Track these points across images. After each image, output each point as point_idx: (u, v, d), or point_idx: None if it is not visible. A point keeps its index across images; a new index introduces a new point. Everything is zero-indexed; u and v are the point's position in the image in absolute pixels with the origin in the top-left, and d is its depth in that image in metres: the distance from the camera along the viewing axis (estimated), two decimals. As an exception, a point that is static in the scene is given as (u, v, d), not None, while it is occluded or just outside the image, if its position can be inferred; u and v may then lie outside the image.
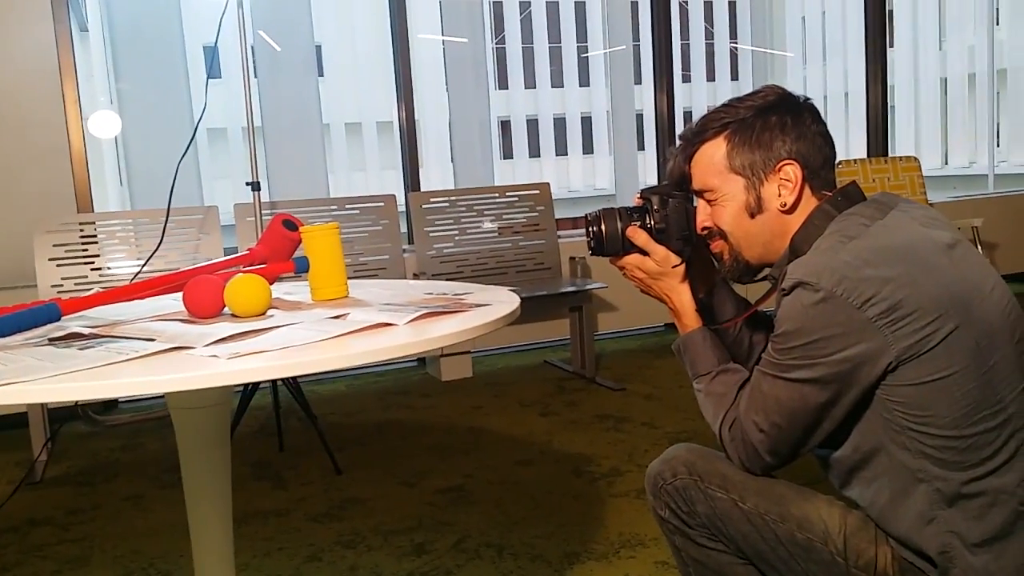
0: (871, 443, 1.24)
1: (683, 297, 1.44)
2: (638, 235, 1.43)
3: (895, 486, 1.22)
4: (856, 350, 1.17)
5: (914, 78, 16.46)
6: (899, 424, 1.20)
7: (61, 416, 3.65)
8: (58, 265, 3.53)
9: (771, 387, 1.25)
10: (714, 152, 1.34)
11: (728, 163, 1.33)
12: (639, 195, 1.47)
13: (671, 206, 1.43)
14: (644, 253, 1.43)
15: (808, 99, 1.35)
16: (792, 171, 1.31)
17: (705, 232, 1.40)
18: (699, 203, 1.40)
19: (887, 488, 1.23)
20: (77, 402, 3.69)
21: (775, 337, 1.24)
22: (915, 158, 5.01)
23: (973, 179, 14.34)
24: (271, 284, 1.59)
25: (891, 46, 15.03)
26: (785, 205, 1.31)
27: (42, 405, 3.24)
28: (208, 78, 3.30)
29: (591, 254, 1.47)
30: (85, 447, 3.48)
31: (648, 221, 1.44)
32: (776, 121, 1.31)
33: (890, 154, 5.76)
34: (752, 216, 1.34)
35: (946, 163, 16.24)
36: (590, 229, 1.45)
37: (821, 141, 1.33)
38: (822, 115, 1.35)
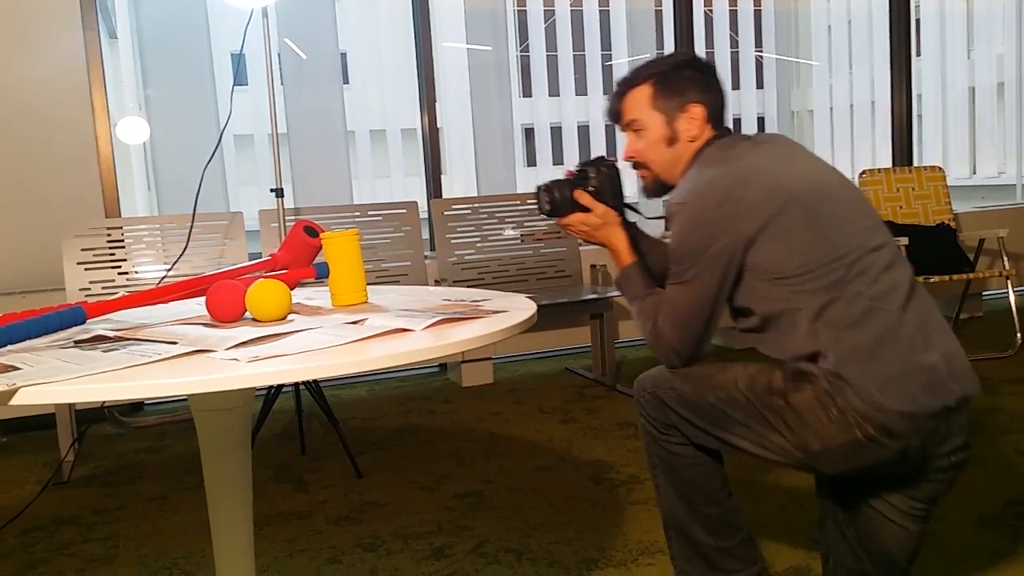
0: (761, 307, 1.64)
1: (620, 239, 1.84)
2: (583, 196, 1.83)
3: (783, 326, 1.62)
4: (723, 242, 1.60)
5: (942, 87, 16.32)
6: (768, 279, 1.61)
7: (88, 418, 3.71)
8: (86, 269, 3.58)
9: (674, 292, 1.67)
10: (642, 94, 1.78)
11: (652, 102, 1.76)
12: (577, 167, 1.85)
13: (603, 173, 1.83)
14: (586, 211, 1.83)
15: (711, 62, 1.79)
16: (697, 111, 1.75)
17: (631, 160, 1.81)
18: (628, 136, 1.81)
19: (779, 330, 1.63)
20: (103, 404, 3.75)
21: (670, 255, 1.67)
22: (940, 168, 4.97)
23: (1002, 189, 14.19)
24: (292, 289, 1.62)
25: (918, 55, 14.89)
26: (692, 137, 1.76)
27: (69, 406, 3.30)
28: (234, 85, 3.34)
29: (546, 215, 1.85)
30: (111, 448, 3.53)
31: (588, 186, 1.83)
32: (689, 75, 1.76)
33: (917, 163, 5.73)
34: (669, 144, 1.77)
35: (974, 173, 16.09)
36: (545, 196, 1.83)
37: (719, 93, 1.79)
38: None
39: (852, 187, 1.74)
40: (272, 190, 3.51)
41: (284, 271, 1.73)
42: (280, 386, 3.30)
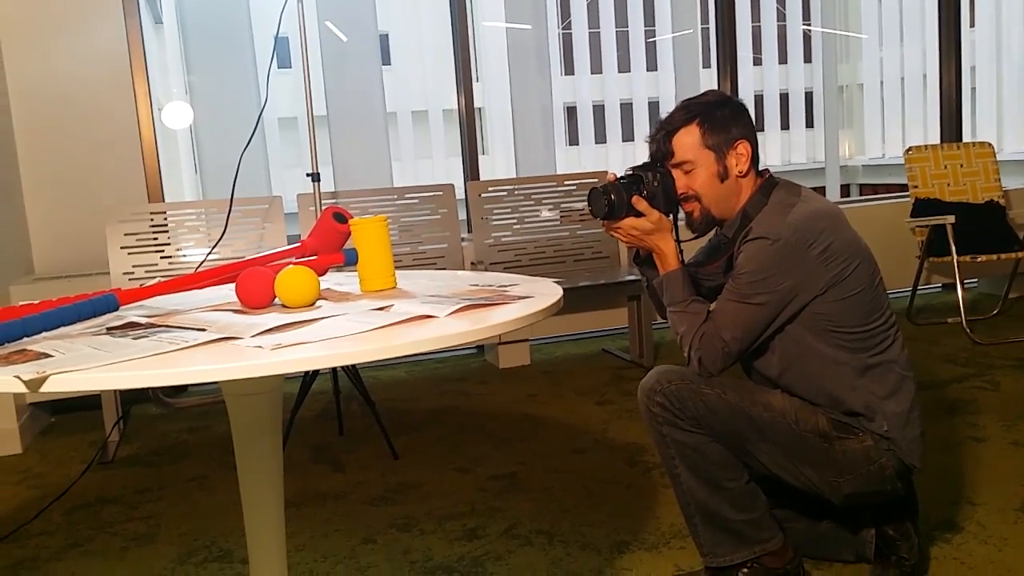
0: (799, 348, 1.81)
1: (671, 245, 1.89)
2: (640, 202, 1.85)
3: (823, 372, 1.81)
4: (798, 278, 1.75)
5: (997, 59, 15.87)
6: (822, 328, 1.79)
7: (133, 398, 3.79)
8: (129, 253, 3.65)
9: (736, 309, 1.79)
10: (691, 136, 1.84)
11: (703, 142, 1.84)
12: (629, 171, 1.88)
13: (660, 179, 1.85)
14: (639, 215, 1.85)
15: (743, 101, 1.89)
16: (744, 148, 1.85)
17: (682, 196, 1.87)
18: (676, 174, 1.87)
19: (816, 374, 1.82)
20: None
21: (739, 275, 1.78)
22: (989, 144, 4.85)
23: (1059, 164, 13.78)
24: (322, 275, 1.63)
25: (972, 26, 14.46)
26: (742, 172, 1.86)
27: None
28: (275, 68, 3.35)
29: (600, 218, 1.88)
30: (155, 429, 3.61)
31: (643, 191, 1.85)
32: (729, 113, 1.85)
33: (972, 137, 5.58)
34: (721, 181, 1.85)
35: (1031, 147, 15.62)
36: (604, 199, 1.84)
37: (754, 130, 1.89)
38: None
39: None
40: (308, 174, 3.53)
41: (314, 257, 1.75)
42: (317, 368, 3.34)
